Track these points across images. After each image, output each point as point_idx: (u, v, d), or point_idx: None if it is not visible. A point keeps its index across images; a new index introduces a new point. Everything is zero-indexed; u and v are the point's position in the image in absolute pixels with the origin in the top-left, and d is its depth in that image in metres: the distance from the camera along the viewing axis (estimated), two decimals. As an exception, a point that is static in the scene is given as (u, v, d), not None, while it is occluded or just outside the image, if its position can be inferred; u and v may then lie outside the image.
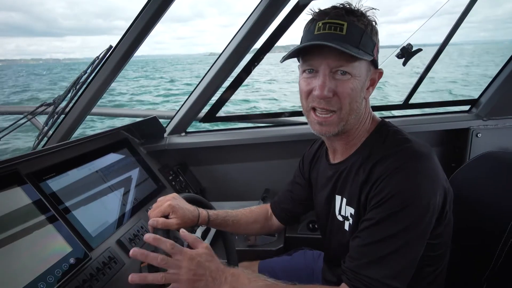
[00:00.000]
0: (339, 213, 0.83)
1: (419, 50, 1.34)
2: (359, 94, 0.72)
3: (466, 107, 1.57)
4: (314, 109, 0.75)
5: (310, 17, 0.74)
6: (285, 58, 0.75)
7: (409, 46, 1.36)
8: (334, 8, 0.71)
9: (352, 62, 0.69)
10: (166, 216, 0.88)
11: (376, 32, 0.73)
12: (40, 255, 0.78)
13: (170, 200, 0.89)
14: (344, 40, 0.67)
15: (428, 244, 0.70)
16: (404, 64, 1.36)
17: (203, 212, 0.95)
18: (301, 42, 0.74)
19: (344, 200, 0.80)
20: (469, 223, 0.89)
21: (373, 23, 0.73)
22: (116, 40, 1.25)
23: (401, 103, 1.54)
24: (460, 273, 0.87)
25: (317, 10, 0.73)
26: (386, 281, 0.65)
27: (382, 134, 0.77)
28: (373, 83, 0.77)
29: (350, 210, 0.78)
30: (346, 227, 0.80)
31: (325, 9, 0.72)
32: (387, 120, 0.82)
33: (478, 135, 1.43)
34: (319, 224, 0.97)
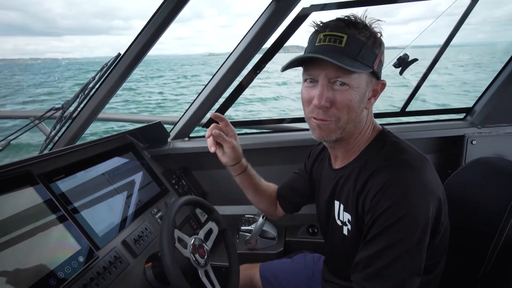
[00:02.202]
0: (338, 218, 0.85)
1: (415, 60, 1.39)
2: (358, 105, 0.73)
3: (461, 115, 1.62)
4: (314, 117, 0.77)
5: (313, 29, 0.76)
6: (285, 68, 0.77)
7: (406, 56, 1.41)
8: (336, 20, 0.73)
9: (350, 74, 0.70)
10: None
11: (380, 44, 0.74)
12: (51, 252, 0.82)
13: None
14: (342, 53, 0.69)
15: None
16: (401, 73, 1.41)
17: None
18: (305, 52, 0.76)
19: (342, 206, 0.83)
20: (462, 225, 0.92)
21: (378, 34, 0.74)
22: (114, 39, 1.29)
23: (398, 110, 1.59)
24: (454, 274, 0.89)
25: (319, 22, 0.75)
26: None
27: (380, 144, 0.79)
28: (375, 94, 0.78)
29: (347, 216, 0.80)
30: (345, 232, 0.82)
31: (327, 22, 0.74)
32: (387, 129, 0.83)
33: (473, 142, 1.47)
34: (321, 226, 1.00)
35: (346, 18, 0.73)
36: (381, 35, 0.74)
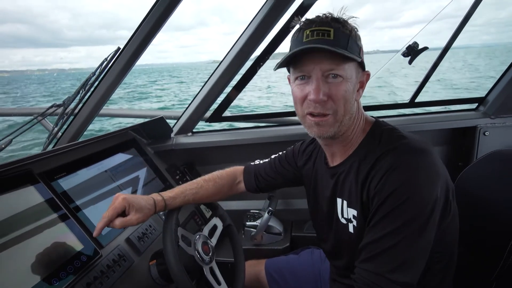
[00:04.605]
0: (342, 216, 0.83)
1: (425, 48, 1.34)
2: (352, 96, 0.74)
3: (473, 106, 1.56)
4: (310, 114, 0.76)
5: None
6: (278, 66, 0.77)
7: (415, 44, 1.36)
8: (319, 16, 0.75)
9: (343, 64, 0.71)
10: (123, 215, 0.86)
11: (359, 38, 0.77)
12: (53, 252, 0.81)
13: (124, 195, 0.86)
14: (333, 44, 0.70)
15: (435, 240, 0.70)
16: (410, 62, 1.36)
17: (157, 197, 0.93)
18: (289, 51, 0.76)
19: (345, 202, 0.81)
20: (477, 222, 0.88)
21: (355, 29, 0.76)
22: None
23: (407, 101, 1.53)
24: (468, 272, 0.86)
25: (304, 20, 0.76)
26: (386, 274, 0.66)
27: (377, 133, 0.79)
28: (362, 85, 0.79)
29: (352, 212, 0.79)
30: (351, 229, 0.80)
31: (311, 18, 0.75)
32: (381, 119, 0.84)
33: (486, 134, 1.41)
34: (320, 228, 0.96)
35: (328, 14, 0.75)
36: (357, 30, 0.76)
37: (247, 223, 1.50)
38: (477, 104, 1.54)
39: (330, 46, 0.68)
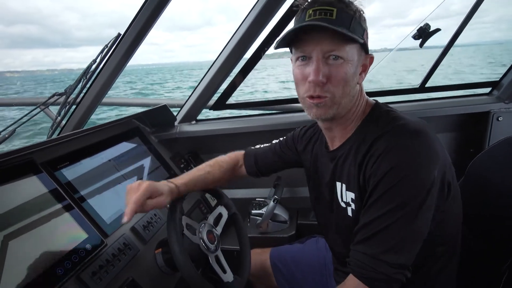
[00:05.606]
0: (342, 200, 0.83)
1: (437, 30, 1.27)
2: (352, 78, 0.73)
3: (487, 90, 1.50)
4: (309, 96, 0.75)
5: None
6: (278, 44, 0.75)
7: (427, 26, 1.30)
8: None
9: (344, 45, 0.70)
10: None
11: (365, 19, 0.75)
12: (57, 241, 0.80)
13: (146, 181, 0.86)
14: (335, 24, 0.68)
15: (435, 222, 0.69)
16: (421, 45, 1.30)
17: (170, 184, 0.93)
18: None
19: (344, 186, 0.81)
20: (489, 209, 0.86)
21: (361, 11, 0.74)
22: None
23: (417, 86, 1.48)
24: (478, 260, 0.84)
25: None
26: (379, 256, 0.66)
27: (375, 115, 0.78)
28: (365, 69, 0.78)
29: (351, 195, 0.79)
30: (350, 212, 0.80)
31: None
32: (382, 102, 0.83)
33: (499, 119, 1.37)
34: (321, 214, 0.96)
35: None
36: (363, 12, 0.74)
37: (253, 211, 1.49)
38: (490, 88, 1.48)
39: (331, 25, 0.67)
